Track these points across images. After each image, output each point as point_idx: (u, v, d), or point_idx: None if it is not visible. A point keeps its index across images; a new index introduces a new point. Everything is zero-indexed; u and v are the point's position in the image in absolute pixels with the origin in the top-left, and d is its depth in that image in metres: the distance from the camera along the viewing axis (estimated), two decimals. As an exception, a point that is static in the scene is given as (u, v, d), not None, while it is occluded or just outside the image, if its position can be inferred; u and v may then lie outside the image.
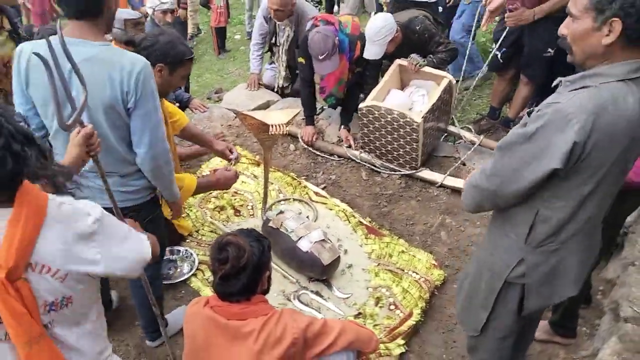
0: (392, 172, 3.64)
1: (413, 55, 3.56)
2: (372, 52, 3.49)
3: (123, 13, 3.74)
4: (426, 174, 3.58)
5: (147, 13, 4.57)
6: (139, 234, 1.46)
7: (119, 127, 1.90)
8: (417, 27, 3.58)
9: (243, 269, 1.68)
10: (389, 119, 3.41)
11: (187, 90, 4.79)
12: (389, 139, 3.51)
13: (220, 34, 7.99)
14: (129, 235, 1.40)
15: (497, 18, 4.06)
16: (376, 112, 3.44)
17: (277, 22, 3.96)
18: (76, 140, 1.63)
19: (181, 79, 2.40)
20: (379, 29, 3.41)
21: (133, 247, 1.40)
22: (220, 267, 1.68)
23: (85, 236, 1.26)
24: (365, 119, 3.51)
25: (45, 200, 1.24)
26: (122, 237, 1.37)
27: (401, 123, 3.37)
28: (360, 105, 3.49)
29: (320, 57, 3.37)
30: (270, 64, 4.45)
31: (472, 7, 4.45)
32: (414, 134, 3.37)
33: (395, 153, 3.57)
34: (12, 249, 1.16)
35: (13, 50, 2.16)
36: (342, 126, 3.89)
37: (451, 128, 3.84)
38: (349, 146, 3.77)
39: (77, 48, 1.71)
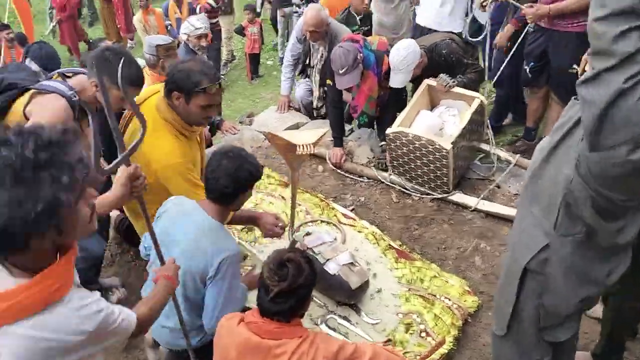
0: (423, 196, 3.54)
1: (442, 76, 3.49)
2: (397, 80, 3.45)
3: (155, 39, 3.85)
4: (459, 197, 3.47)
5: (180, 40, 4.68)
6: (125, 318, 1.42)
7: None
8: (443, 51, 3.54)
9: (298, 289, 1.65)
10: (417, 145, 3.32)
11: (219, 114, 4.85)
12: (419, 164, 3.42)
13: (254, 60, 8.13)
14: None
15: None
16: (404, 138, 3.35)
17: (312, 43, 3.99)
18: (120, 179, 1.63)
19: (200, 109, 2.31)
20: (403, 58, 3.36)
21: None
22: (278, 284, 1.64)
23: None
24: (392, 144, 3.44)
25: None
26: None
27: (430, 149, 3.28)
28: (388, 131, 3.41)
29: (341, 71, 3.36)
30: (304, 77, 4.46)
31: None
32: (444, 160, 3.28)
33: (425, 177, 3.48)
34: None
35: None
36: (379, 146, 3.84)
37: (484, 146, 3.73)
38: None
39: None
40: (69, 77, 2.46)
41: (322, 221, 3.37)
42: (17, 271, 1.18)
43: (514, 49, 3.88)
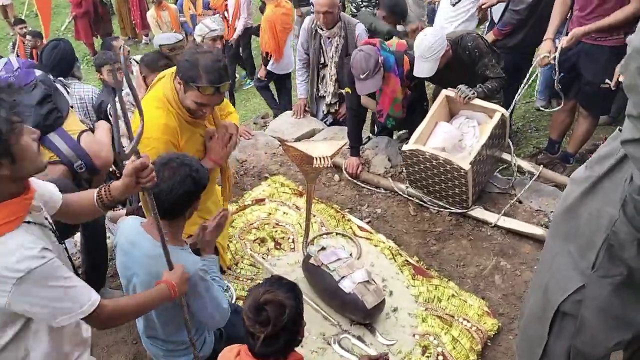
0: (442, 209, 3.43)
1: (461, 87, 3.33)
2: (424, 68, 3.25)
3: (160, 39, 3.81)
4: (479, 212, 3.35)
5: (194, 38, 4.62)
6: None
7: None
8: (469, 44, 3.32)
9: (285, 328, 1.54)
10: (434, 164, 3.19)
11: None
12: (436, 180, 3.30)
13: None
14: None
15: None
16: (420, 156, 3.22)
17: (323, 37, 3.92)
18: (127, 170, 1.59)
19: (194, 103, 2.19)
20: (431, 45, 3.17)
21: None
22: (261, 330, 1.53)
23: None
24: (409, 160, 3.31)
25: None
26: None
27: (448, 169, 3.15)
28: (403, 148, 3.27)
29: (362, 76, 3.23)
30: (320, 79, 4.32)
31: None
32: (462, 180, 3.15)
33: (443, 193, 3.36)
34: None
35: None
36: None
37: (506, 156, 3.60)
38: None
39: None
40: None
41: (337, 233, 3.28)
42: None
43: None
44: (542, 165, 3.62)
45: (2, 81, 1.36)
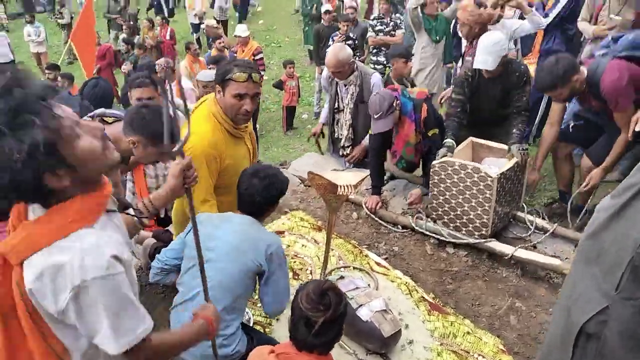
0: (459, 240, 3.50)
1: (513, 149, 3.52)
2: (485, 60, 3.54)
3: (200, 75, 4.37)
4: (495, 245, 3.43)
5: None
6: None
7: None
8: (521, 67, 3.68)
9: (340, 316, 1.66)
10: (462, 175, 3.37)
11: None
12: (460, 200, 3.44)
13: (290, 112, 8.34)
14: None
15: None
16: (449, 169, 3.41)
17: (340, 84, 4.16)
18: (175, 171, 1.66)
19: (233, 98, 2.45)
20: (497, 41, 3.51)
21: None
22: (323, 313, 1.62)
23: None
24: (437, 177, 3.48)
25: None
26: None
27: (475, 179, 3.32)
28: (434, 162, 3.48)
29: (375, 116, 3.52)
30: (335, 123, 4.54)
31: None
32: (488, 192, 3.29)
33: (464, 218, 3.47)
34: None
35: None
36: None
37: (520, 214, 3.70)
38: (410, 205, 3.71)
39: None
40: (108, 123, 2.57)
41: (354, 267, 3.33)
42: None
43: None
44: (556, 223, 3.67)
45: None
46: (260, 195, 2.25)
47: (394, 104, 3.50)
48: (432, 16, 5.59)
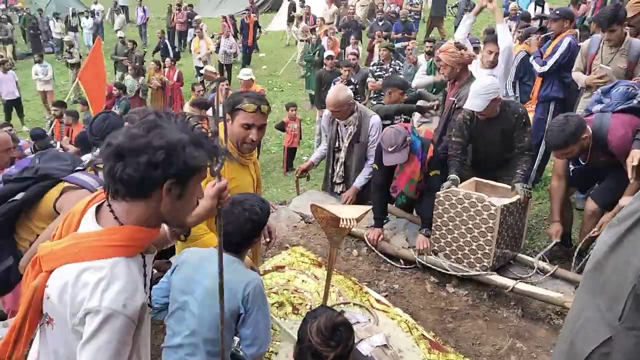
0: (460, 273, 3.50)
1: (517, 186, 3.58)
2: (474, 103, 3.67)
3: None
4: (496, 277, 3.43)
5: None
6: None
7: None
8: (519, 109, 3.79)
9: (351, 349, 1.65)
10: (466, 205, 3.42)
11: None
12: (463, 231, 3.47)
13: (291, 153, 8.46)
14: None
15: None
16: (454, 198, 3.46)
17: (339, 124, 4.25)
18: (211, 192, 1.67)
19: (241, 127, 2.51)
20: (486, 85, 3.64)
21: None
22: (334, 349, 1.61)
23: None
24: (441, 207, 3.53)
25: None
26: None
27: (479, 208, 3.37)
28: (438, 192, 3.53)
29: (390, 149, 3.54)
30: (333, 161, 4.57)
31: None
32: (491, 221, 3.33)
33: (467, 249, 3.49)
34: None
35: None
36: (420, 230, 3.82)
37: (522, 256, 3.71)
38: (421, 253, 3.69)
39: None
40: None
41: (354, 304, 3.32)
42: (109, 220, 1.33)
43: None
44: (556, 266, 3.66)
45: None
46: (235, 232, 2.15)
47: (407, 139, 3.59)
48: None
